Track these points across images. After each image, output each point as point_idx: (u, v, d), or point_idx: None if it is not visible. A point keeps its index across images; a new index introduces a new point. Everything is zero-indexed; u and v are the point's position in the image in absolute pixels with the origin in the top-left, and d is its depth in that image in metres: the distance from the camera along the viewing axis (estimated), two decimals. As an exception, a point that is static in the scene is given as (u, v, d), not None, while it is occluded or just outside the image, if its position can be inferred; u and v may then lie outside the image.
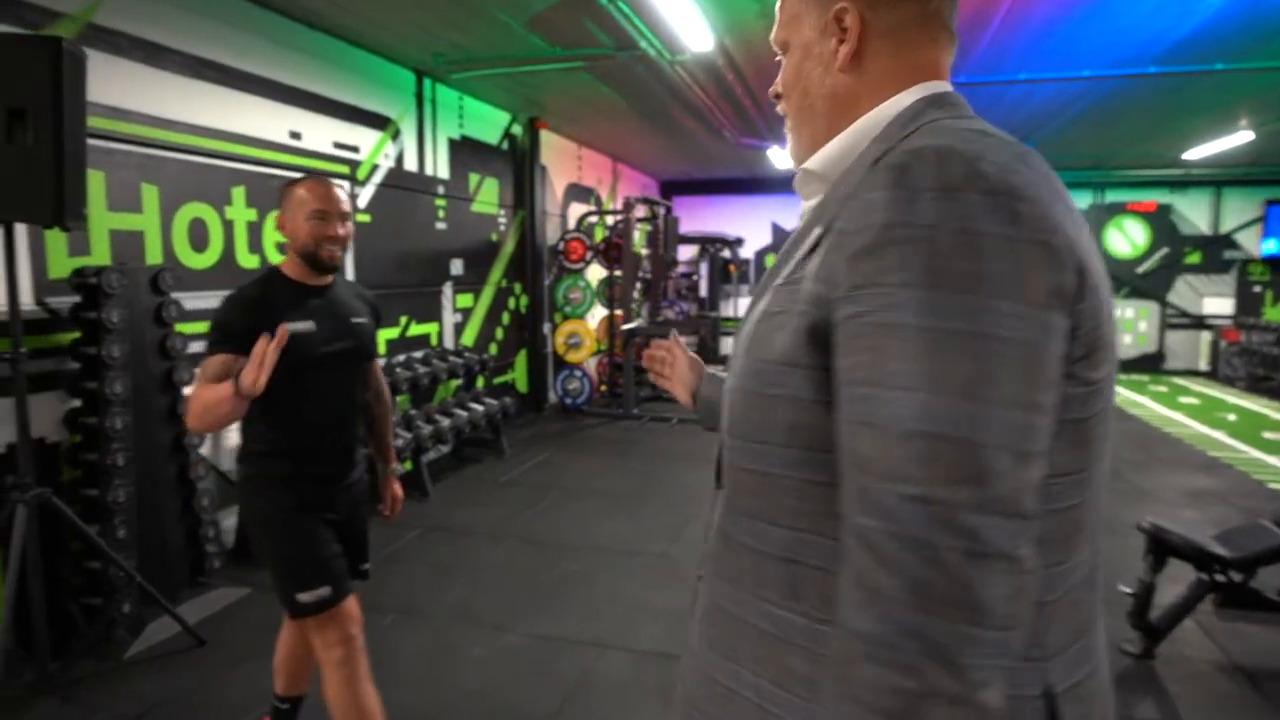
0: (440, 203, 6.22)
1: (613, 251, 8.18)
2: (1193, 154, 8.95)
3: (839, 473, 0.68)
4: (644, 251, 8.90)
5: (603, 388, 8.90)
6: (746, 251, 12.54)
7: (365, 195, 5.29)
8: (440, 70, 5.69)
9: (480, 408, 5.86)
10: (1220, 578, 3.01)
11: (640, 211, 8.52)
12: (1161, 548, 3.06)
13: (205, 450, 3.65)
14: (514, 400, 6.85)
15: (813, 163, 0.86)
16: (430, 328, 6.14)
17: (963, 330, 0.61)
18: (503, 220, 7.34)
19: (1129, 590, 3.08)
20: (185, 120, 3.86)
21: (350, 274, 5.14)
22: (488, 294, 7.12)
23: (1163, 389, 9.96)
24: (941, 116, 0.76)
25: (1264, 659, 3.05)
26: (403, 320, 5.75)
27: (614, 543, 4.29)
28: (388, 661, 3.03)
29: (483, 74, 5.70)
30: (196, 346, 3.77)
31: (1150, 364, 11.27)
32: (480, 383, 6.56)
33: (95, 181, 3.33)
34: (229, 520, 4.04)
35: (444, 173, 6.27)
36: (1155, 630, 3.04)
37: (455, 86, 6.26)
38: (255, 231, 4.32)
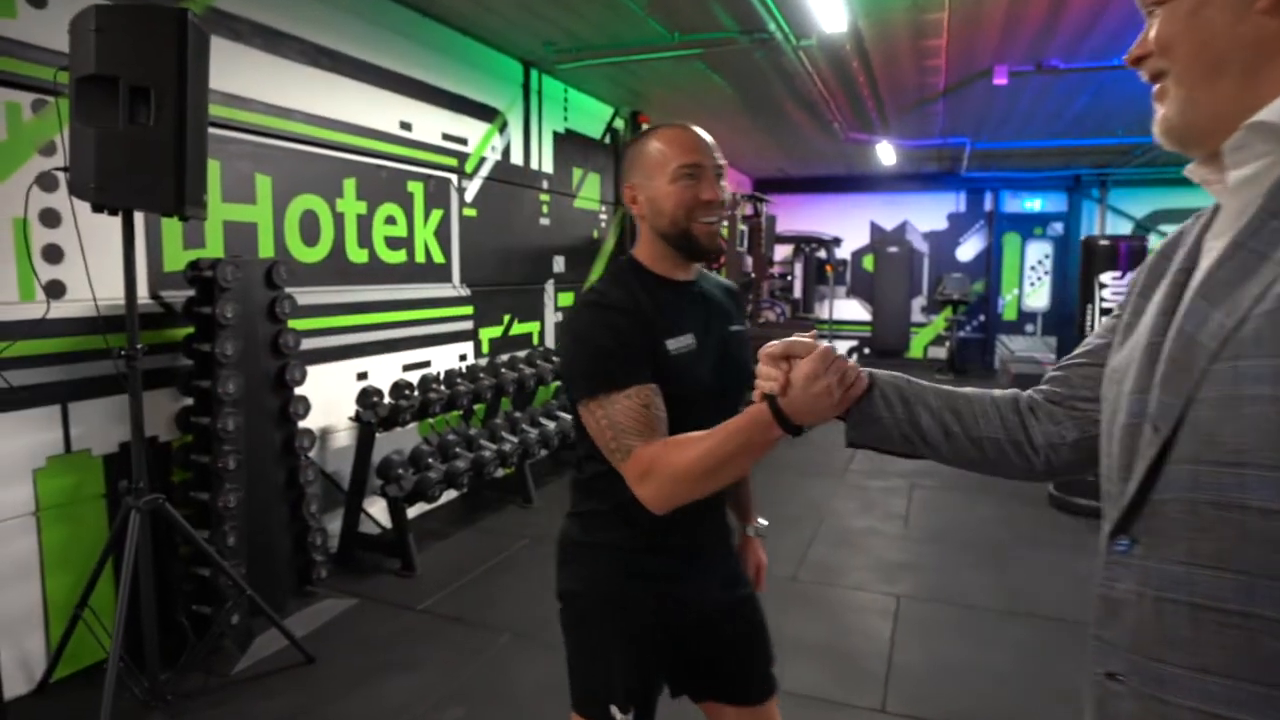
0: (544, 198, 6.00)
1: (711, 250, 7.86)
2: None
3: None
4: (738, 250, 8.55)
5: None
6: (843, 251, 12.06)
7: (472, 189, 5.11)
8: (549, 60, 5.47)
9: (582, 411, 5.60)
10: None
11: (743, 209, 8.19)
12: None
13: (314, 453, 3.49)
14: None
15: (1270, 114, 0.67)
16: (532, 326, 5.93)
17: None
18: (603, 217, 7.09)
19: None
20: (300, 109, 3.72)
21: (455, 272, 4.96)
22: (587, 293, 6.88)
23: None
24: None
25: None
26: (505, 319, 5.55)
27: (734, 564, 3.96)
28: (505, 692, 2.79)
29: (592, 64, 5.45)
30: (309, 344, 3.63)
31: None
32: (579, 385, 6.32)
33: (211, 171, 3.19)
34: (334, 524, 3.90)
35: (548, 167, 6.05)
36: None
37: (561, 78, 6.04)
38: (365, 225, 4.17)
